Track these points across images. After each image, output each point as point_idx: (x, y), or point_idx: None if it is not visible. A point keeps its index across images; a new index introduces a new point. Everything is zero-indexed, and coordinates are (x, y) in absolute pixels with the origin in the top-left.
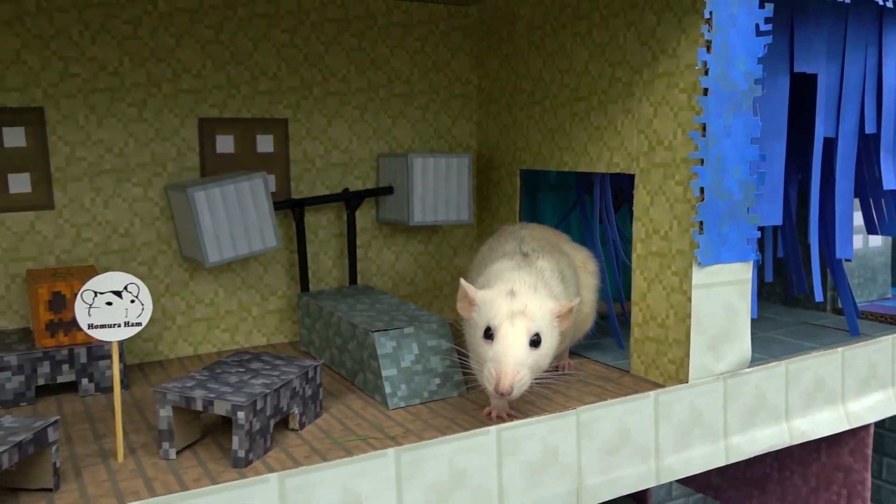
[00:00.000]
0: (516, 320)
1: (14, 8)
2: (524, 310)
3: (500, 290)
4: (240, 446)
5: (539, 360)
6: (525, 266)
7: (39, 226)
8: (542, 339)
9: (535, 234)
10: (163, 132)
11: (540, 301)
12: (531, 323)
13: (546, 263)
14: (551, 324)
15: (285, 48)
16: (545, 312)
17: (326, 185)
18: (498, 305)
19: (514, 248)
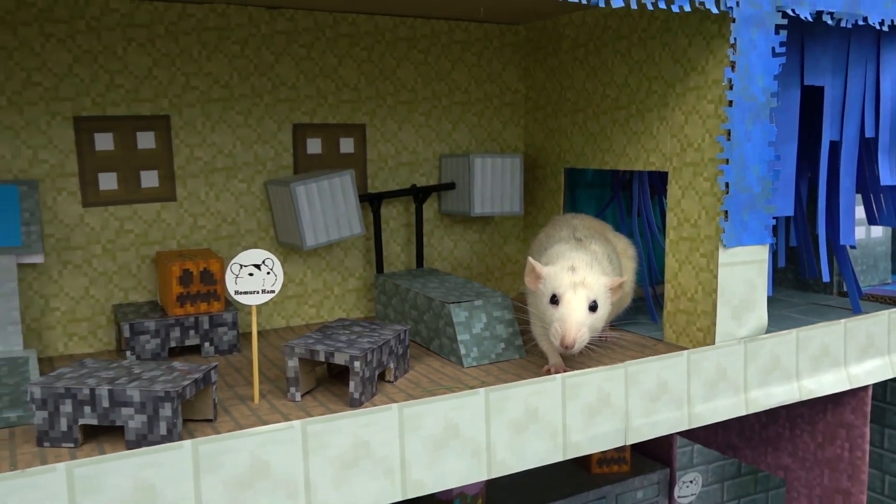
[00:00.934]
0: (578, 289)
1: (147, 32)
2: (583, 281)
3: (562, 266)
4: (355, 389)
5: (595, 323)
6: (580, 248)
7: (164, 215)
8: (599, 305)
9: (584, 223)
10: (263, 136)
11: (595, 275)
12: (589, 291)
13: (597, 247)
14: (605, 294)
15: (364, 64)
16: (600, 284)
17: (396, 181)
18: (561, 278)
19: (568, 235)
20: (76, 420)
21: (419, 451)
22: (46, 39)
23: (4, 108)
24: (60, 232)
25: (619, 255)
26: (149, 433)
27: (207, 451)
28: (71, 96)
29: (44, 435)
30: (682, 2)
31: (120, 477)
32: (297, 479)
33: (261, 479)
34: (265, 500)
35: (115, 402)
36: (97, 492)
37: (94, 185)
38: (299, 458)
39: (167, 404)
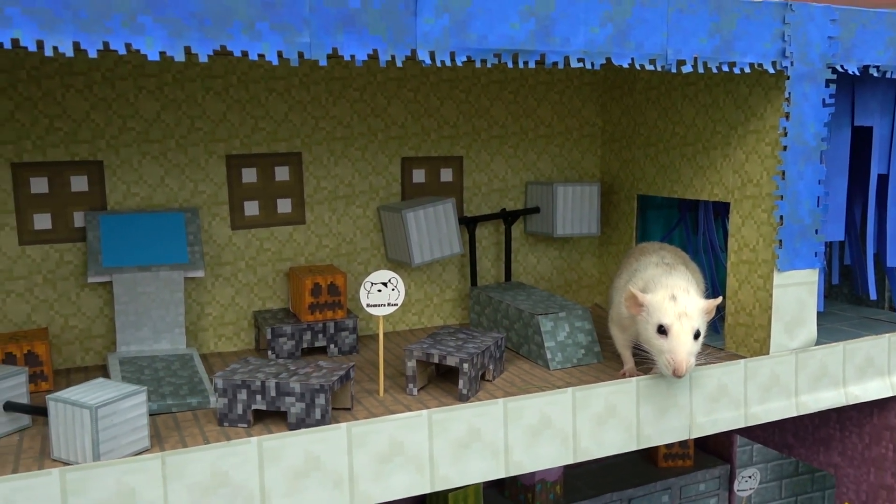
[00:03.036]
0: (683, 320)
1: (285, 83)
2: (686, 311)
3: (663, 295)
4: (464, 387)
5: (698, 348)
6: (673, 273)
7: (296, 236)
8: (700, 332)
9: (668, 250)
10: (377, 168)
11: (694, 302)
12: (692, 321)
13: (687, 272)
14: (703, 319)
15: (462, 104)
16: (699, 311)
17: (488, 206)
18: (665, 308)
19: (658, 260)
20: (249, 405)
21: (519, 437)
22: (206, 93)
23: (173, 150)
24: (214, 251)
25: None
26: (307, 417)
27: (358, 432)
28: (224, 138)
29: (224, 416)
30: (742, 65)
31: (295, 449)
32: (424, 456)
33: (397, 454)
34: (401, 471)
35: (280, 392)
36: (279, 460)
37: (241, 211)
38: (426, 440)
39: (322, 395)
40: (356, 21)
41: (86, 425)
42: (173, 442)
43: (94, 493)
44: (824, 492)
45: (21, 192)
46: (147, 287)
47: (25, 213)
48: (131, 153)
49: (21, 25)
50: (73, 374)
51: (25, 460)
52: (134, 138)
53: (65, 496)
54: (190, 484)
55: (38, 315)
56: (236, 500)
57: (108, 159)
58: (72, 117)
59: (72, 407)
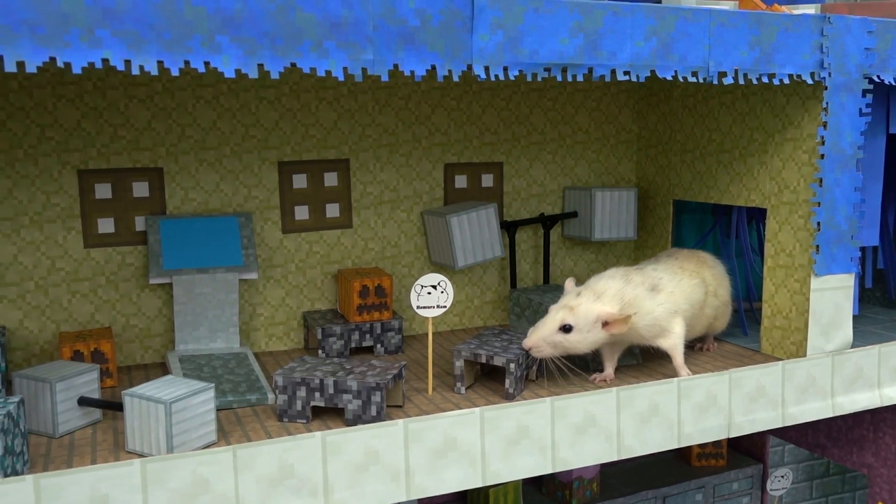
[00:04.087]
0: (561, 311)
1: (334, 92)
2: (574, 306)
3: (574, 290)
4: (510, 385)
5: (564, 343)
6: (622, 277)
7: (343, 239)
8: (574, 330)
9: (678, 256)
10: (421, 174)
11: (592, 305)
12: (570, 316)
13: (644, 279)
14: (591, 323)
15: (503, 111)
16: (589, 314)
17: (527, 210)
18: (565, 297)
19: (639, 267)
20: (308, 402)
21: (565, 434)
22: (260, 102)
23: (228, 157)
24: (265, 253)
25: (707, 295)
26: (363, 414)
27: (414, 428)
28: (276, 145)
29: (283, 412)
30: (782, 76)
31: (355, 444)
32: (476, 452)
33: (451, 450)
34: (454, 466)
35: (338, 390)
36: (340, 454)
37: (291, 215)
38: (478, 436)
39: (378, 392)
40: (416, 38)
41: (160, 419)
42: (237, 436)
43: (171, 482)
44: (855, 492)
45: (86, 197)
46: (204, 288)
47: (90, 217)
48: (189, 160)
49: (110, 46)
50: (134, 371)
51: (102, 452)
52: (192, 146)
53: (145, 485)
54: (259, 475)
55: (102, 315)
56: (302, 492)
57: (168, 166)
58: (134, 126)
59: (147, 402)
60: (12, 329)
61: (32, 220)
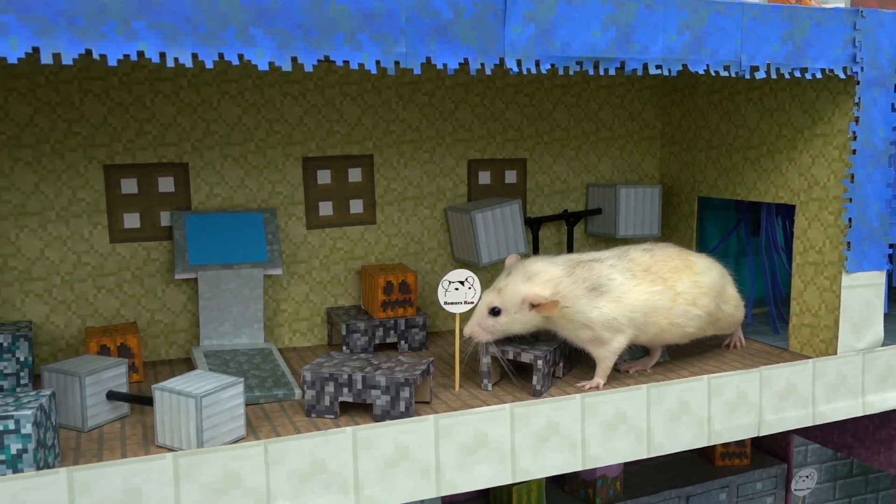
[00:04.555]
0: (490, 293)
1: (358, 88)
2: (502, 288)
3: (506, 270)
4: (537, 382)
5: (497, 326)
6: (566, 266)
7: (367, 235)
8: (502, 312)
9: (654, 254)
10: (444, 170)
11: (517, 286)
12: (497, 297)
13: (589, 275)
14: (517, 304)
15: (526, 108)
16: (515, 295)
17: (551, 207)
18: (496, 280)
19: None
20: (336, 397)
21: (596, 431)
22: (284, 98)
23: (253, 152)
24: (290, 249)
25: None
26: (391, 409)
27: (445, 424)
28: (301, 141)
29: (311, 408)
30: (814, 70)
31: (385, 439)
32: (506, 448)
33: (481, 446)
34: (484, 462)
35: (366, 385)
36: (371, 449)
37: (316, 211)
38: (508, 432)
39: (406, 388)
40: (448, 31)
41: (191, 413)
42: (266, 431)
43: (203, 476)
44: (878, 493)
45: (112, 192)
46: (229, 284)
47: (116, 212)
48: (214, 156)
49: (146, 38)
50: (159, 366)
51: (131, 445)
52: (217, 141)
53: (177, 479)
54: (290, 470)
55: (127, 310)
56: (332, 486)
57: (193, 161)
58: (160, 121)
59: (177, 396)
60: (39, 324)
61: (59, 215)
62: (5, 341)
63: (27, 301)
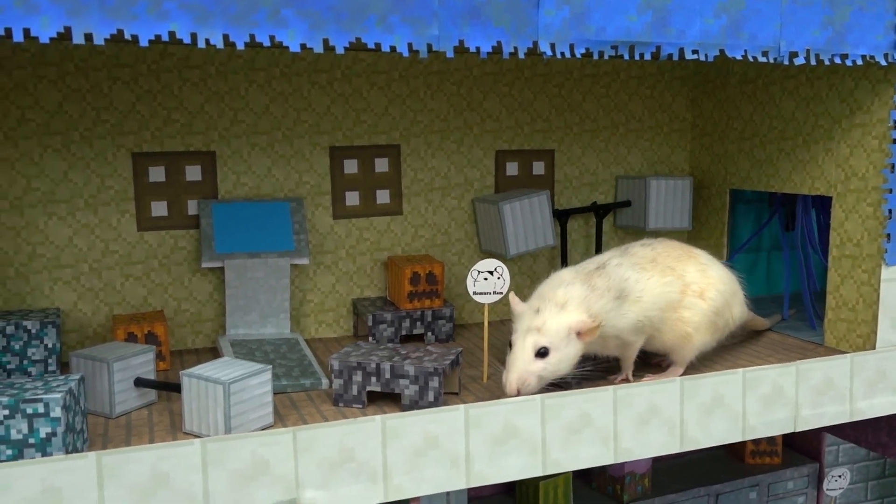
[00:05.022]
0: (528, 336)
1: (386, 77)
2: (540, 326)
3: (532, 305)
4: (570, 377)
5: (548, 368)
6: (584, 283)
7: (393, 226)
8: (551, 351)
9: (655, 246)
10: (472, 161)
11: (558, 318)
12: (541, 337)
13: (610, 284)
14: (567, 338)
15: (555, 98)
16: (560, 328)
17: (578, 199)
18: (522, 321)
19: (601, 261)
20: (364, 387)
21: (628, 425)
22: (312, 87)
23: (280, 141)
24: (316, 239)
25: (687, 294)
26: (420, 399)
27: (475, 414)
28: (328, 130)
29: (339, 397)
30: (854, 57)
31: (414, 428)
32: (537, 440)
33: (511, 437)
34: (514, 454)
35: (395, 375)
36: (400, 438)
37: (342, 201)
38: (538, 424)
39: (435, 378)
40: (482, 13)
41: (219, 400)
42: (294, 419)
43: (231, 463)
44: None
45: (140, 180)
46: (256, 273)
47: (144, 200)
48: (241, 144)
49: (177, 19)
50: (186, 355)
51: (159, 432)
52: (244, 130)
53: (205, 465)
54: (319, 458)
55: (154, 298)
56: (361, 475)
57: (221, 150)
58: (188, 109)
59: (205, 382)
60: (66, 311)
61: (87, 203)
62: (33, 328)
63: (55, 288)
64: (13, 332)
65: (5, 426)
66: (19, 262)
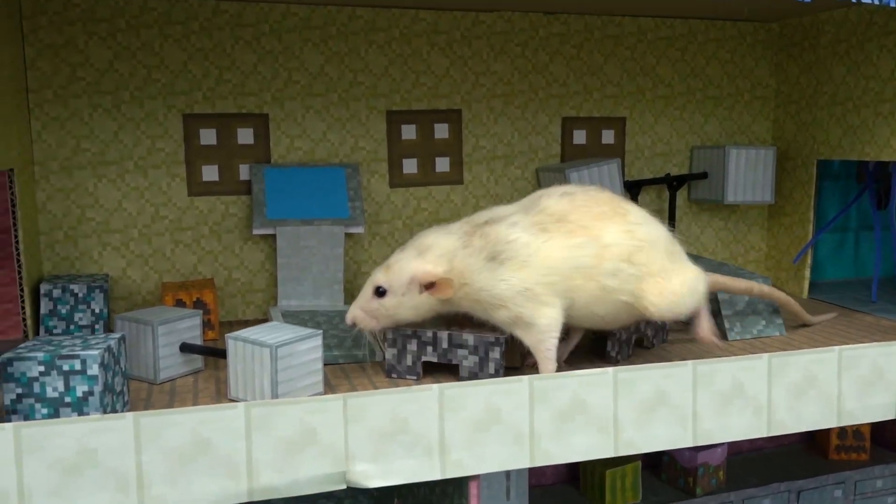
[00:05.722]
0: (377, 273)
1: (447, 38)
2: (389, 265)
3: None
4: (612, 348)
5: (381, 311)
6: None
7: (453, 196)
8: (388, 292)
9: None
10: (537, 128)
11: (408, 263)
12: (384, 276)
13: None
14: (405, 284)
15: (627, 62)
16: (404, 272)
17: (651, 170)
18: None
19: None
20: (419, 357)
21: (708, 404)
22: (369, 46)
23: (336, 104)
24: (372, 208)
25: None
26: (479, 372)
27: (541, 387)
28: (385, 93)
29: (392, 368)
30: None
31: (475, 399)
32: (608, 417)
33: (579, 413)
34: (582, 432)
35: (452, 344)
36: (459, 410)
37: (399, 168)
38: (610, 400)
39: (496, 348)
40: None
41: (265, 364)
42: (345, 389)
43: (277, 430)
44: None
45: (191, 143)
46: (308, 241)
47: (195, 164)
48: (295, 106)
49: None
50: (236, 326)
51: (203, 399)
52: (298, 91)
53: (249, 431)
54: (370, 427)
55: (204, 266)
56: (415, 449)
57: (274, 112)
58: (240, 69)
59: (251, 346)
60: (115, 278)
61: (137, 165)
62: (80, 291)
63: (104, 254)
64: (60, 296)
65: (41, 383)
66: (68, 225)
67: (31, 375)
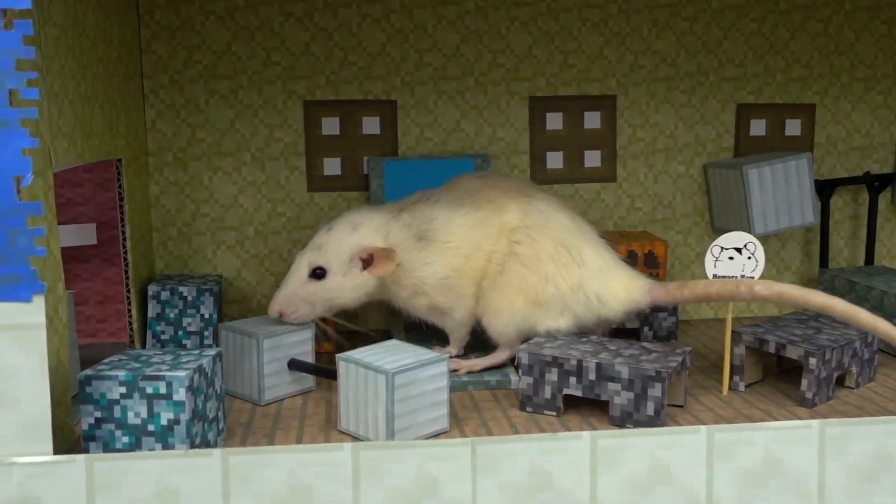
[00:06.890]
0: (307, 252)
1: (600, 12)
2: (322, 244)
3: (325, 224)
4: (808, 388)
5: (320, 294)
6: (391, 212)
7: (604, 195)
8: (329, 273)
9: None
10: (706, 116)
11: (345, 238)
12: (318, 255)
13: (414, 220)
14: (349, 263)
15: (818, 37)
16: (343, 249)
17: (845, 167)
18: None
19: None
20: (560, 389)
21: None
22: (511, 23)
23: (472, 89)
24: None
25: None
26: (634, 411)
27: (722, 440)
28: (528, 76)
29: (527, 400)
30: None
31: (636, 452)
32: (811, 484)
33: (773, 476)
34: (778, 499)
35: (601, 376)
36: (616, 465)
37: (542, 162)
38: (815, 461)
39: (657, 384)
40: None
41: (380, 394)
42: (474, 426)
43: (390, 477)
44: None
45: (312, 133)
46: None
47: (315, 156)
48: (426, 92)
49: None
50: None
51: (309, 428)
52: (430, 75)
53: (357, 478)
54: (503, 482)
55: None
56: None
57: (402, 99)
58: (367, 51)
59: (364, 370)
60: (230, 279)
61: (254, 157)
62: (189, 295)
63: (219, 253)
64: (168, 299)
65: (122, 407)
66: (182, 221)
67: (112, 397)
